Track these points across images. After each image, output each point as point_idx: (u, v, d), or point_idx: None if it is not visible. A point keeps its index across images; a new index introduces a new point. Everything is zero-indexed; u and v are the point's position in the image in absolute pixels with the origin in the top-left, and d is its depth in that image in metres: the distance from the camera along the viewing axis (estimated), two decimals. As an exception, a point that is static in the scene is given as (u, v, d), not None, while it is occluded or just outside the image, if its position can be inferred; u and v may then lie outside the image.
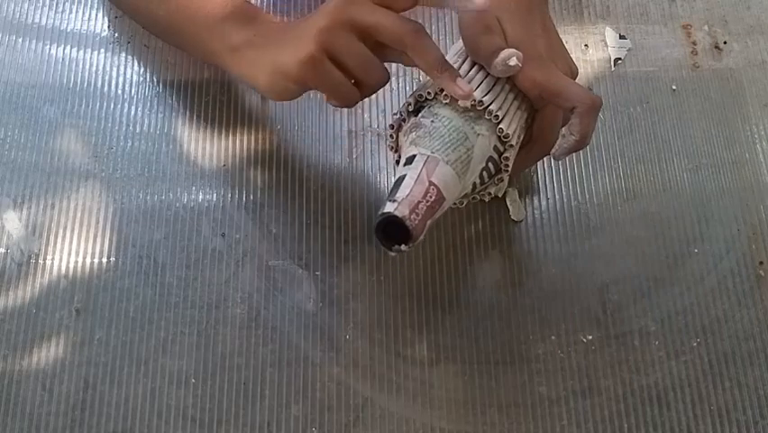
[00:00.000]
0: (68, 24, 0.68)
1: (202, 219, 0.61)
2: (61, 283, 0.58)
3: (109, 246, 0.60)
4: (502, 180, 0.53)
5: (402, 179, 0.49)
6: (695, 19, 0.71)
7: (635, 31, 0.70)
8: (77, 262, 0.59)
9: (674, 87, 0.68)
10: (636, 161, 0.65)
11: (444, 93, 0.51)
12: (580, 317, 0.59)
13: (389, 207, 0.46)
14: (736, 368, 0.58)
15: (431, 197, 0.47)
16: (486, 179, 0.53)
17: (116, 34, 0.67)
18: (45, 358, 0.56)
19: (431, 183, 0.47)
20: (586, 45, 0.69)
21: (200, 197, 0.62)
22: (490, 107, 0.51)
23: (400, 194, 0.47)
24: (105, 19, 0.68)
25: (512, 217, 0.61)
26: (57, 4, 0.68)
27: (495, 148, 0.52)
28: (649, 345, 0.59)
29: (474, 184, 0.52)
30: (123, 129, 0.64)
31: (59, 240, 0.60)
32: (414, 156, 0.50)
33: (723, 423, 0.56)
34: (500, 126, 0.51)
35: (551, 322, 0.59)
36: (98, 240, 0.60)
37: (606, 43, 0.69)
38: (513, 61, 0.50)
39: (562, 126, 0.56)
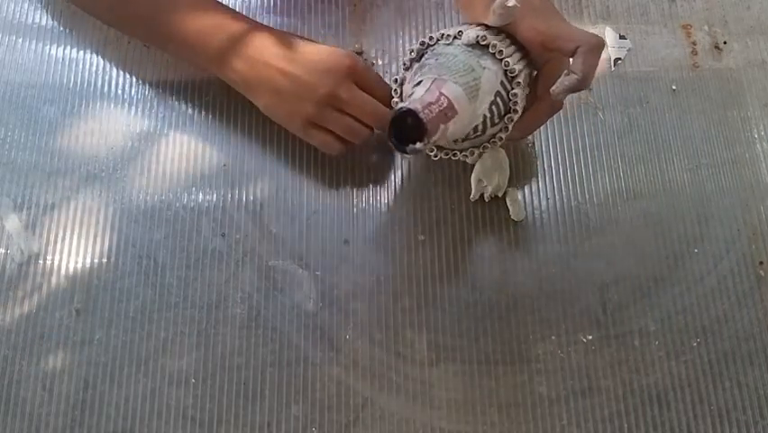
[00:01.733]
0: (68, 24, 0.68)
1: (202, 219, 0.61)
2: (61, 283, 0.58)
3: (109, 246, 0.60)
4: (512, 121, 0.52)
5: (410, 95, 0.47)
6: (695, 19, 0.71)
7: (635, 31, 0.70)
8: (77, 262, 0.59)
9: (674, 87, 0.68)
10: (636, 161, 0.65)
11: (447, 34, 0.51)
12: (580, 317, 0.59)
13: (401, 105, 0.45)
14: (735, 368, 0.58)
15: (442, 103, 0.45)
16: (496, 117, 0.51)
17: (116, 34, 0.67)
18: (45, 358, 0.56)
19: (441, 93, 0.46)
20: (586, 45, 0.69)
21: (200, 197, 0.62)
22: (493, 42, 0.50)
23: (411, 99, 0.46)
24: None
25: (512, 217, 0.61)
26: (57, 5, 0.68)
27: (502, 84, 0.51)
28: (649, 345, 0.59)
29: (485, 118, 0.50)
30: (123, 129, 0.64)
31: (59, 240, 0.60)
32: (420, 81, 0.49)
33: (723, 423, 0.56)
34: (506, 60, 0.50)
35: (551, 322, 0.59)
36: (98, 240, 0.60)
37: (606, 43, 0.69)
38: (511, 2, 0.50)
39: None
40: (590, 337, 0.59)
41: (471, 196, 0.62)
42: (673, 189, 0.64)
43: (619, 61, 0.69)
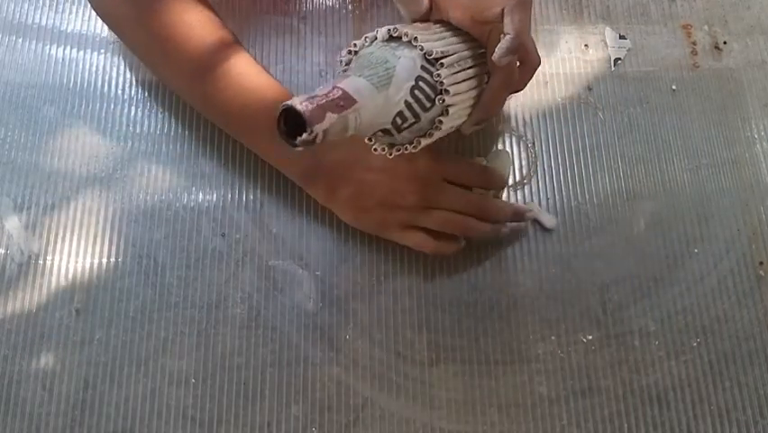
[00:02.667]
0: (68, 25, 0.68)
1: (202, 219, 0.61)
2: (61, 283, 0.58)
3: (109, 246, 0.60)
4: (444, 102, 0.51)
5: None
6: (695, 19, 0.71)
7: (635, 31, 0.70)
8: (77, 262, 0.59)
9: (674, 87, 0.68)
10: (636, 161, 0.65)
11: (366, 37, 0.52)
12: (580, 317, 0.59)
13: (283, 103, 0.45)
14: (736, 368, 0.58)
15: (333, 94, 0.46)
16: (425, 101, 0.51)
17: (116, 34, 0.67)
18: (45, 358, 0.56)
19: (336, 86, 0.47)
20: (586, 45, 0.69)
21: (200, 197, 0.62)
22: (405, 31, 0.51)
23: None
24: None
25: (546, 225, 0.61)
26: (57, 5, 0.68)
27: (424, 69, 0.51)
28: (649, 345, 0.59)
29: (408, 104, 0.50)
30: (123, 129, 0.64)
31: (59, 240, 0.60)
32: None
33: (723, 423, 0.56)
34: (420, 45, 0.51)
35: (551, 322, 0.59)
36: (98, 240, 0.60)
37: (606, 43, 0.69)
38: None
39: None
40: (590, 337, 0.59)
41: (471, 196, 0.62)
42: (673, 189, 0.64)
43: (619, 61, 0.69)
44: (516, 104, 0.66)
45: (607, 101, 0.67)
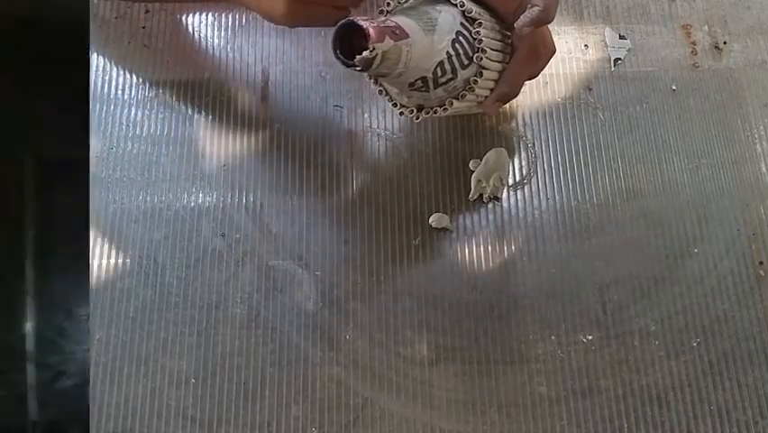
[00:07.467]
0: (68, 25, 0.68)
1: (202, 219, 0.61)
2: (61, 283, 0.58)
3: (109, 247, 0.60)
4: (481, 60, 0.53)
5: None
6: (695, 19, 0.72)
7: (635, 31, 0.70)
8: (77, 262, 0.59)
9: (674, 87, 0.68)
10: (636, 161, 0.65)
11: None
12: (580, 317, 0.59)
13: (342, 21, 0.46)
14: (736, 368, 0.58)
15: (389, 24, 0.47)
16: (463, 57, 0.52)
17: (116, 35, 0.67)
18: (45, 358, 0.56)
19: (389, 18, 0.48)
20: (586, 45, 0.69)
21: (200, 197, 0.62)
22: None
23: None
24: (106, 19, 0.68)
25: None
26: (57, 5, 0.68)
27: (463, 25, 0.52)
28: (649, 345, 0.59)
29: (449, 55, 0.51)
30: (124, 130, 0.64)
31: (60, 240, 0.60)
32: None
33: (723, 423, 0.56)
34: (461, 1, 0.52)
35: (551, 322, 0.59)
36: (98, 240, 0.60)
37: (606, 43, 0.69)
38: None
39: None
40: (590, 337, 0.59)
41: (470, 195, 0.62)
42: (673, 189, 0.64)
43: (619, 61, 0.69)
44: (517, 104, 0.66)
45: (607, 101, 0.67)
